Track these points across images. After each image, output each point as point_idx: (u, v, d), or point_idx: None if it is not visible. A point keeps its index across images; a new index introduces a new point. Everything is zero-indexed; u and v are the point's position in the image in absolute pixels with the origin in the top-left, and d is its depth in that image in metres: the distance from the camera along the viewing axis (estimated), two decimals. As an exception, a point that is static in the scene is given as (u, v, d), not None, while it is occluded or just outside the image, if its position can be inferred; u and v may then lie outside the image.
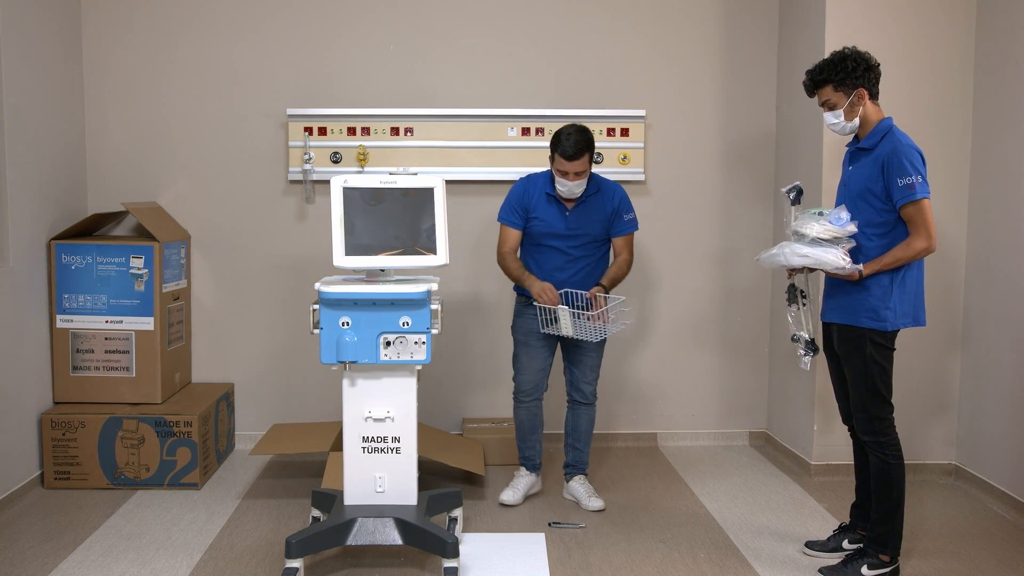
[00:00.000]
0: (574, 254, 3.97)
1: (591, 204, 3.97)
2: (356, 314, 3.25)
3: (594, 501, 4.05)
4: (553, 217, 3.95)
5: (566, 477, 4.20)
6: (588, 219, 3.96)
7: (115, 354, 4.40)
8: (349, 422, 3.37)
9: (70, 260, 4.37)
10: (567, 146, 3.78)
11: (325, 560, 3.48)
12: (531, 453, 4.18)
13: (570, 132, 3.81)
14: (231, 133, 4.81)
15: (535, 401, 4.11)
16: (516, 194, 4.01)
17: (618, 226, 4.01)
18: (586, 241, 3.97)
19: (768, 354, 5.09)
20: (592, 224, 3.97)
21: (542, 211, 3.96)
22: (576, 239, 3.96)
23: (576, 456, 4.17)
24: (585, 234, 3.96)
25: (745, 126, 4.99)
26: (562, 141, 3.80)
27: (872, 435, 3.30)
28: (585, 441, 4.16)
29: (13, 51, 4.04)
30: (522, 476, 4.16)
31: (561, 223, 3.95)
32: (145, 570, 3.41)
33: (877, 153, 3.25)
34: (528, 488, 4.15)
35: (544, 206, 3.96)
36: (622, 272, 3.99)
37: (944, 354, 4.50)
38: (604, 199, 3.99)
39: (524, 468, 4.19)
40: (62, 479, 4.23)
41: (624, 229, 4.02)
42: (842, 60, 3.28)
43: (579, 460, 4.18)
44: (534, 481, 4.19)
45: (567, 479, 4.19)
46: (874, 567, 3.32)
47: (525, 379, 4.08)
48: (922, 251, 3.19)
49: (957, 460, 4.52)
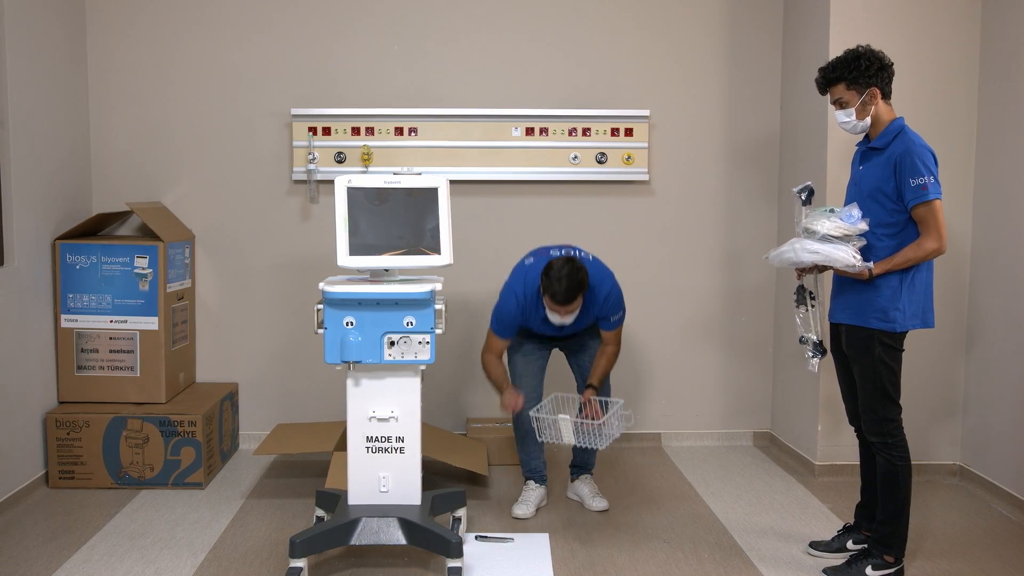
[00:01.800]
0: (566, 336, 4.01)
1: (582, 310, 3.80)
2: (360, 314, 3.25)
3: (598, 501, 4.03)
4: (546, 327, 3.90)
5: (571, 477, 4.17)
6: (578, 323, 3.86)
7: (119, 354, 4.41)
8: (353, 422, 3.37)
9: (75, 260, 4.37)
10: (557, 292, 3.60)
11: (329, 560, 3.48)
12: (538, 465, 4.06)
13: (561, 276, 3.58)
14: (235, 133, 4.82)
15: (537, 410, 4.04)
16: (511, 313, 3.85)
17: (606, 324, 3.91)
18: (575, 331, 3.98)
19: (773, 354, 5.08)
20: (581, 324, 3.90)
21: (534, 324, 3.91)
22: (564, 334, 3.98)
23: (583, 457, 4.12)
24: (575, 331, 3.96)
25: (750, 126, 4.98)
26: (553, 284, 3.60)
27: (880, 436, 3.29)
28: None
29: (18, 51, 4.05)
30: (532, 490, 4.04)
31: (552, 330, 3.91)
32: (149, 569, 3.41)
33: (889, 153, 3.24)
34: (539, 500, 4.03)
35: (537, 324, 3.90)
36: (610, 365, 3.95)
37: (950, 355, 4.49)
38: (591, 306, 3.83)
39: (533, 481, 4.06)
40: (66, 478, 4.24)
41: (611, 327, 3.92)
42: (856, 58, 3.26)
43: (586, 461, 4.13)
44: (544, 494, 4.08)
45: (572, 479, 4.16)
46: (879, 568, 3.31)
47: (525, 384, 3.99)
48: (933, 252, 3.18)
49: (962, 461, 4.51)
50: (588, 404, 3.81)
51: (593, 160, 4.82)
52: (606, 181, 4.88)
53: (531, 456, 4.06)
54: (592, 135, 4.81)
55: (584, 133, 4.79)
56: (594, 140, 4.82)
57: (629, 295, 3.98)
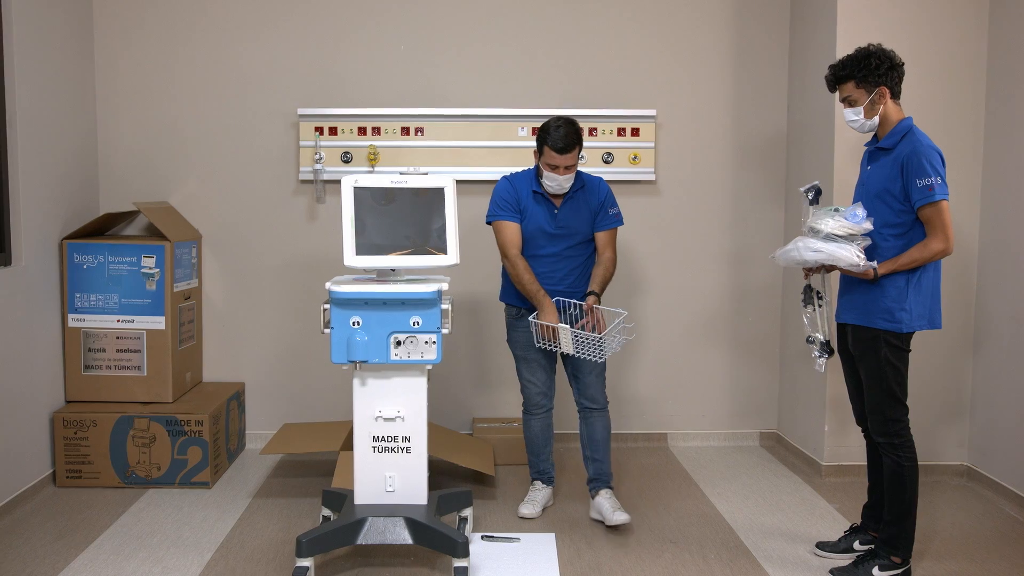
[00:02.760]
0: (563, 255, 3.84)
1: (578, 200, 3.85)
2: (367, 314, 3.26)
3: (618, 515, 3.78)
4: (542, 216, 3.82)
5: (591, 493, 3.94)
6: (576, 216, 3.83)
7: (127, 353, 4.42)
8: (359, 422, 3.37)
9: (82, 259, 4.38)
10: (557, 139, 3.66)
11: (336, 559, 3.49)
12: (546, 466, 4.04)
13: (559, 124, 3.68)
14: (242, 133, 4.83)
15: (547, 412, 3.99)
16: (504, 189, 3.86)
17: (603, 220, 3.86)
18: (575, 242, 3.85)
19: (779, 354, 5.07)
20: (580, 221, 3.84)
21: (531, 210, 3.82)
22: (565, 239, 3.83)
23: (597, 468, 3.93)
24: (575, 232, 3.83)
25: (757, 125, 4.98)
26: (551, 133, 3.67)
27: (887, 437, 3.29)
28: (604, 451, 3.93)
29: (25, 51, 4.06)
30: (539, 490, 4.02)
31: (550, 222, 3.82)
32: (156, 569, 3.42)
33: (896, 153, 3.23)
34: (545, 501, 4.02)
35: (532, 205, 3.82)
36: (610, 273, 3.86)
37: (957, 355, 4.48)
38: (590, 194, 3.87)
39: (540, 482, 4.05)
40: (74, 478, 4.25)
41: (609, 223, 3.88)
42: (867, 57, 3.24)
43: (601, 472, 3.93)
44: (550, 494, 4.07)
45: (592, 495, 3.93)
46: (886, 568, 3.30)
47: (532, 391, 3.96)
48: (939, 253, 3.17)
49: (969, 461, 4.50)
50: (591, 312, 3.68)
51: (599, 160, 4.82)
52: (612, 181, 4.84)
53: (540, 457, 4.05)
54: (598, 135, 4.81)
55: (590, 133, 4.78)
56: (600, 140, 4.81)
57: (634, 294, 3.98)
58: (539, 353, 3.90)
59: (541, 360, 3.94)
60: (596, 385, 3.93)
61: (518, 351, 3.97)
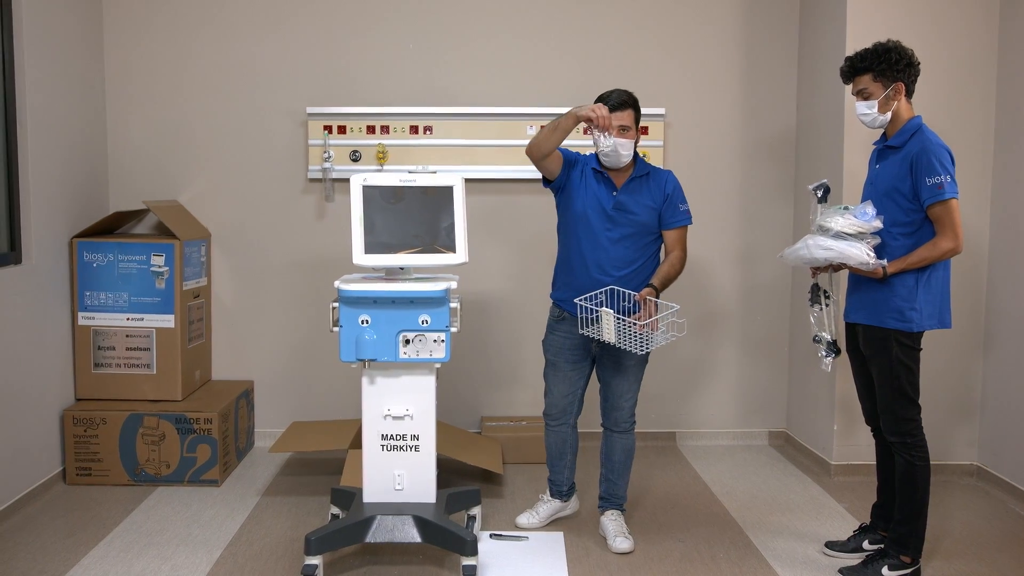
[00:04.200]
0: (622, 242, 3.56)
1: (640, 185, 3.59)
2: (375, 312, 3.26)
3: (621, 542, 3.60)
4: (602, 192, 3.57)
5: (599, 510, 3.81)
6: (636, 201, 3.57)
7: (136, 351, 4.43)
8: (368, 420, 3.38)
9: (92, 258, 4.40)
10: (611, 95, 3.48)
11: (344, 557, 3.49)
12: (557, 478, 3.87)
13: (614, 89, 3.53)
14: (251, 131, 4.83)
15: (563, 426, 3.80)
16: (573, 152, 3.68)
17: (671, 216, 3.60)
18: (632, 231, 3.56)
19: (788, 353, 5.06)
20: (640, 207, 3.57)
21: (591, 186, 3.58)
22: (623, 226, 3.56)
23: (609, 488, 3.77)
24: (632, 217, 3.56)
25: (765, 124, 4.96)
26: (606, 93, 3.52)
27: (899, 436, 3.27)
28: (619, 472, 3.75)
29: (35, 50, 4.07)
30: (544, 502, 3.89)
31: (608, 199, 3.56)
32: (165, 566, 3.43)
33: (906, 152, 3.21)
34: (551, 514, 3.87)
35: (593, 182, 3.59)
36: (675, 271, 3.58)
37: (967, 355, 4.46)
38: (655, 182, 3.61)
39: (548, 494, 3.91)
40: (84, 475, 4.26)
41: (678, 221, 3.61)
42: (886, 51, 3.23)
43: (612, 493, 3.77)
44: (559, 507, 3.89)
45: (600, 512, 3.80)
46: (895, 568, 3.29)
47: (552, 402, 3.79)
48: (948, 251, 3.15)
49: (979, 461, 4.48)
50: (644, 303, 3.39)
51: (608, 158, 4.81)
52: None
53: (554, 470, 3.89)
54: (607, 133, 4.79)
55: (599, 131, 4.77)
56: (609, 138, 4.80)
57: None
58: (569, 364, 3.72)
59: (568, 371, 3.73)
60: (625, 401, 3.70)
61: (549, 355, 3.77)
